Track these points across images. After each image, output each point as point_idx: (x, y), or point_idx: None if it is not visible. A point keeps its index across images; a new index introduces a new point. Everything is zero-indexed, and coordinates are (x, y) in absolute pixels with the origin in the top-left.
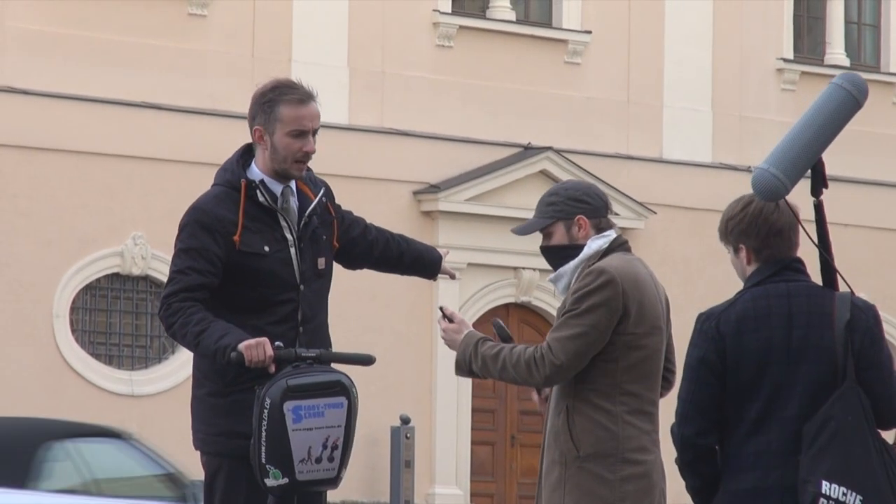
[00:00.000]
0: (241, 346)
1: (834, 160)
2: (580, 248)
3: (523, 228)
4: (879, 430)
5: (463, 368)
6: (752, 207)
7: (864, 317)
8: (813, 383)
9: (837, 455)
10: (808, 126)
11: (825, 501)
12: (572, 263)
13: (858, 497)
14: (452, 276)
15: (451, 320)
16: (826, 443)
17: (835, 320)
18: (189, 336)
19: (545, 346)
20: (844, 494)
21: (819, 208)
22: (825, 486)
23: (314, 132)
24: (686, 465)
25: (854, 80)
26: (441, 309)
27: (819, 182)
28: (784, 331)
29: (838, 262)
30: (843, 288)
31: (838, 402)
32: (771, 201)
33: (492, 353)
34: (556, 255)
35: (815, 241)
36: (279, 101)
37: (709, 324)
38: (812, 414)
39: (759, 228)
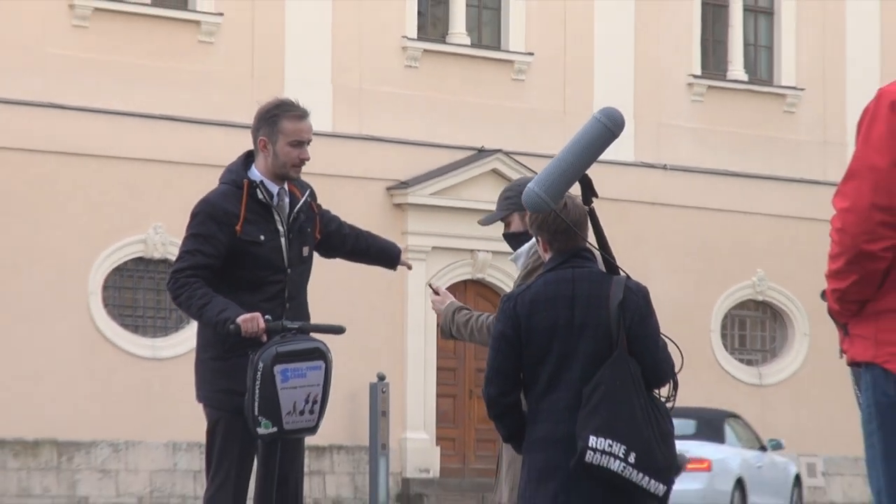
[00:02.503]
0: (239, 319)
1: (737, 159)
2: (529, 237)
3: (487, 220)
4: (654, 390)
5: (445, 333)
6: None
7: (635, 297)
8: (592, 353)
9: (605, 414)
10: (569, 153)
11: (592, 452)
12: (527, 245)
13: (623, 447)
14: (409, 267)
15: (437, 293)
16: (596, 403)
17: (610, 301)
18: (193, 307)
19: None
20: (610, 445)
21: (592, 213)
22: (592, 440)
23: (308, 142)
24: (494, 419)
25: (611, 114)
26: (429, 285)
27: (588, 193)
28: (568, 311)
29: (743, 245)
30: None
31: (609, 370)
32: (537, 213)
33: (463, 321)
34: (515, 240)
35: (595, 244)
36: (281, 117)
37: (508, 304)
38: (591, 379)
39: (552, 224)
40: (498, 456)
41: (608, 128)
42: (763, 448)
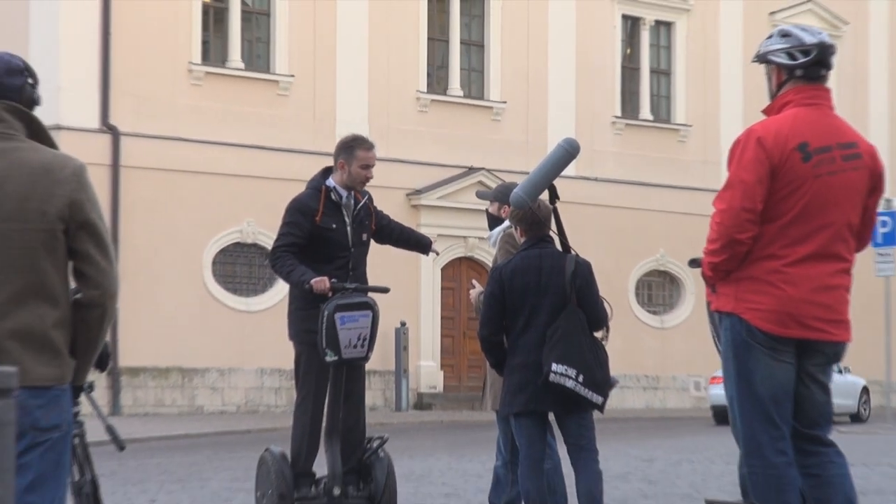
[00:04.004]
0: (312, 280)
1: (646, 173)
2: (501, 221)
3: (481, 195)
4: (593, 332)
5: (477, 311)
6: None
7: (583, 269)
8: (553, 306)
9: (562, 348)
10: (542, 168)
11: (553, 374)
12: (497, 230)
13: (574, 370)
14: (437, 253)
15: (474, 287)
16: (556, 341)
17: (565, 271)
18: (283, 272)
19: None
20: (566, 370)
21: (555, 211)
22: (554, 366)
23: (372, 166)
24: (486, 352)
25: (572, 142)
26: (472, 282)
27: (553, 196)
28: (536, 277)
29: (650, 232)
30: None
31: (564, 318)
32: (520, 209)
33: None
34: (489, 220)
35: (556, 229)
36: (356, 147)
37: (496, 273)
38: (552, 324)
39: (528, 219)
40: (483, 377)
41: (569, 152)
42: (839, 371)
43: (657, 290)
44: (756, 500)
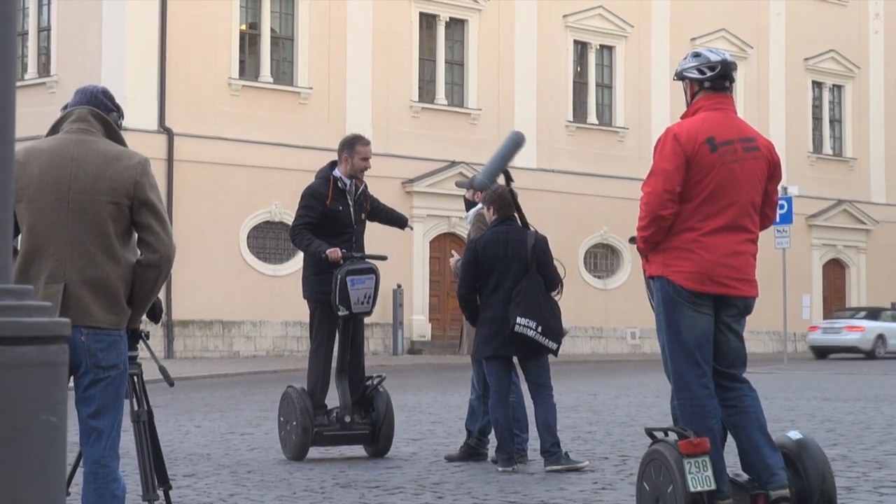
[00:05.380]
0: (328, 251)
1: (594, 166)
2: (475, 204)
3: (460, 184)
4: (550, 292)
5: (456, 275)
6: (498, 190)
7: (541, 242)
8: (517, 272)
9: (525, 305)
10: (497, 156)
11: (518, 326)
12: (472, 211)
13: (534, 322)
14: (411, 228)
15: (453, 256)
16: (520, 300)
17: (527, 243)
18: (303, 244)
19: None
20: (528, 322)
21: (512, 191)
22: (519, 319)
23: (370, 158)
24: (463, 308)
25: (518, 133)
26: (452, 252)
27: (508, 179)
28: (504, 248)
29: (596, 213)
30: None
31: (526, 281)
32: (482, 191)
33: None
34: (466, 203)
35: (517, 210)
36: (357, 143)
37: (472, 244)
38: (517, 286)
39: (498, 200)
40: (461, 329)
41: (517, 141)
42: None
43: (601, 259)
44: (685, 426)
